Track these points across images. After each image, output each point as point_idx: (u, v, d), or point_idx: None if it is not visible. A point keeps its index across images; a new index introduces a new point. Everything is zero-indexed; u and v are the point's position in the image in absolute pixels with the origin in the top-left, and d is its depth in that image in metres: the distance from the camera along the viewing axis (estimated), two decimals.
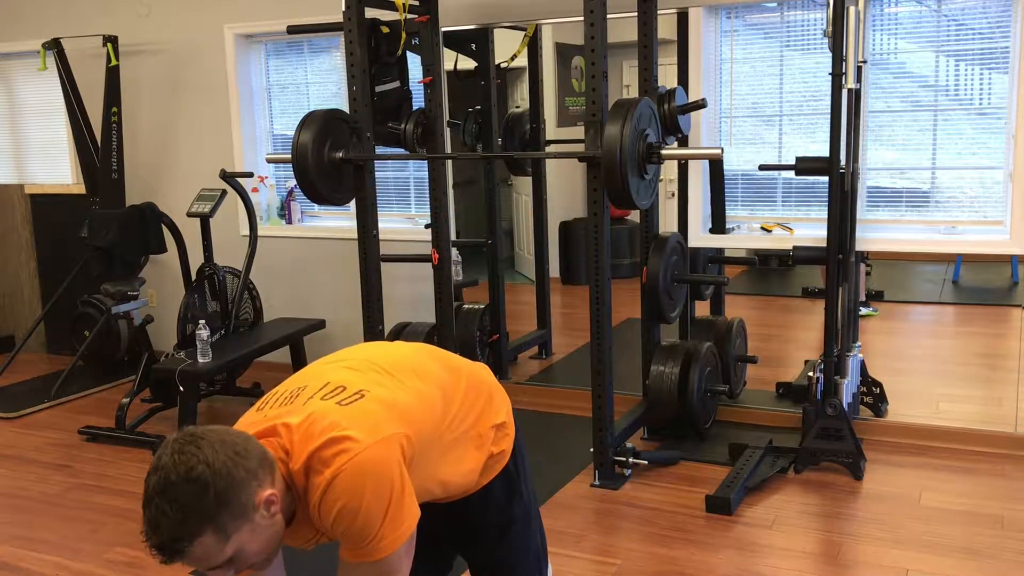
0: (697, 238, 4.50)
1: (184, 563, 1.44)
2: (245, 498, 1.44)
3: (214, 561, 1.43)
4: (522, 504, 1.94)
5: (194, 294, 4.89)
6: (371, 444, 1.53)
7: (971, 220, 4.10)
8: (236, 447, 1.45)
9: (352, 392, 1.63)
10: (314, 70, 5.48)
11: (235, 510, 1.42)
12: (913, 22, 4.10)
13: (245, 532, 1.45)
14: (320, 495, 1.51)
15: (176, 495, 1.38)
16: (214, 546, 1.42)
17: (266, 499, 1.47)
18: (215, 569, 1.45)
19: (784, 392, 4.60)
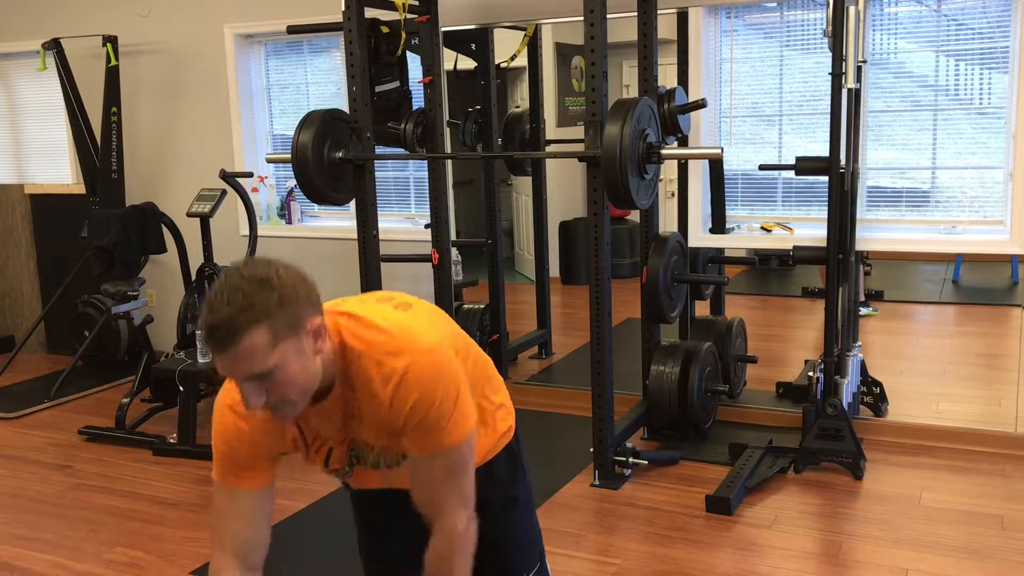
0: (697, 238, 4.50)
1: (228, 359, 1.42)
2: (301, 314, 1.45)
3: (257, 365, 1.41)
4: (525, 483, 1.92)
5: (194, 294, 4.89)
6: (435, 340, 1.58)
7: (971, 220, 4.10)
8: (303, 275, 1.50)
9: (402, 302, 1.69)
10: (314, 70, 5.48)
11: (291, 319, 1.43)
12: (913, 22, 4.10)
13: (292, 349, 1.43)
14: (392, 389, 1.52)
15: (242, 287, 1.41)
16: (262, 346, 1.40)
17: (317, 326, 1.48)
18: (250, 383, 1.43)
19: (784, 392, 4.60)
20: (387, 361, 1.53)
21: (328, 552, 3.32)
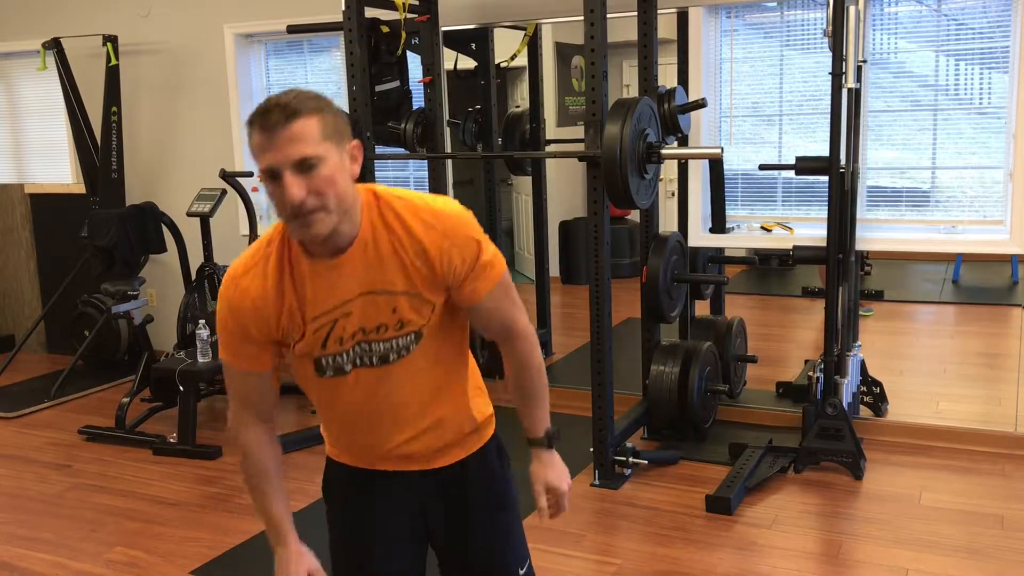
0: (697, 238, 4.50)
1: (280, 140, 1.45)
2: (345, 129, 1.54)
3: (306, 148, 1.45)
4: (512, 477, 1.92)
5: (194, 294, 4.89)
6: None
7: (971, 220, 4.10)
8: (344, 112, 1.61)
9: None
10: (314, 70, 5.48)
11: (338, 126, 1.52)
12: (913, 22, 4.10)
13: (335, 151, 1.49)
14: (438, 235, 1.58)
15: (297, 90, 1.50)
16: (312, 133, 1.46)
17: (353, 148, 1.54)
18: (296, 174, 1.46)
19: (784, 392, 4.60)
20: (425, 214, 1.59)
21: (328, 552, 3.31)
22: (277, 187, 1.47)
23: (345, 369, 1.64)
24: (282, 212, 1.50)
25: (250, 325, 1.62)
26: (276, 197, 1.48)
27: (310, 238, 1.52)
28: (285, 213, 1.49)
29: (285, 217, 1.50)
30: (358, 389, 1.67)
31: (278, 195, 1.47)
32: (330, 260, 1.57)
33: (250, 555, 3.33)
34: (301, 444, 4.34)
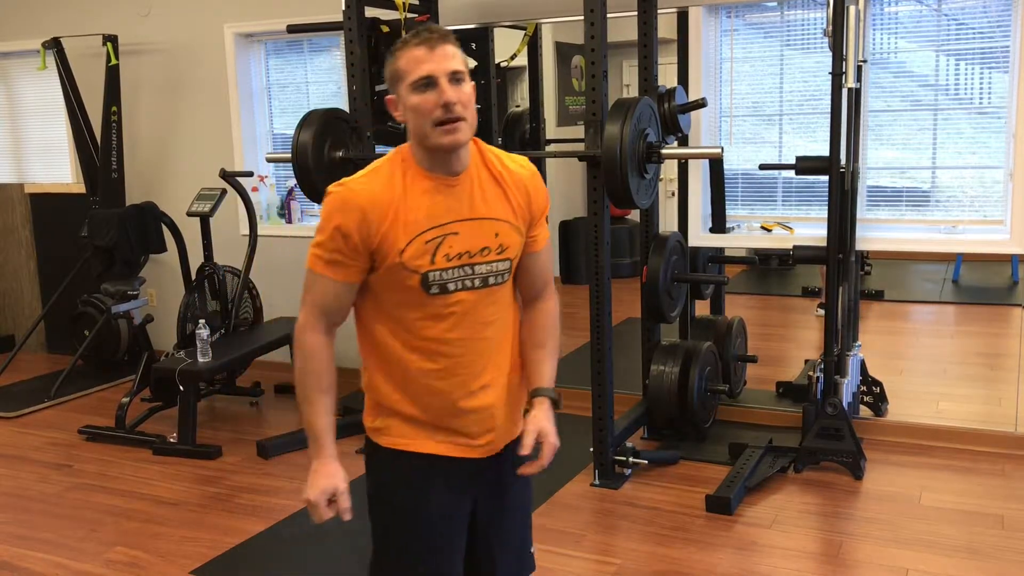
0: (697, 237, 4.50)
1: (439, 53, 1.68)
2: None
3: (458, 63, 1.70)
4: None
5: (194, 293, 4.89)
6: None
7: (971, 219, 4.10)
8: None
9: None
10: (314, 69, 5.48)
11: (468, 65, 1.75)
12: (913, 21, 4.10)
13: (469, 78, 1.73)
14: (531, 175, 1.87)
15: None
16: (460, 56, 1.71)
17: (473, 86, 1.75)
18: (450, 82, 1.68)
19: (784, 391, 4.60)
20: (516, 159, 1.88)
21: (328, 552, 3.32)
22: (430, 93, 1.67)
23: (448, 288, 1.74)
24: (428, 119, 1.67)
25: (354, 231, 1.68)
26: (427, 104, 1.66)
27: (450, 143, 1.69)
28: (434, 117, 1.67)
29: (433, 121, 1.67)
30: (455, 313, 1.76)
31: (430, 101, 1.66)
32: (446, 179, 1.74)
33: (250, 555, 3.33)
34: (301, 444, 4.34)
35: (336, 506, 1.78)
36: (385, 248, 1.69)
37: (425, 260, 1.70)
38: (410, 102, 1.68)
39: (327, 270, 1.71)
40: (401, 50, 1.70)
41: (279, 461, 4.21)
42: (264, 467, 4.15)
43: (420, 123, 1.68)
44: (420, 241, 1.70)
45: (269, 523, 3.54)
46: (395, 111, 1.75)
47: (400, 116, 1.73)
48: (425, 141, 1.70)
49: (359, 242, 1.68)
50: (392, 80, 1.72)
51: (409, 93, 1.68)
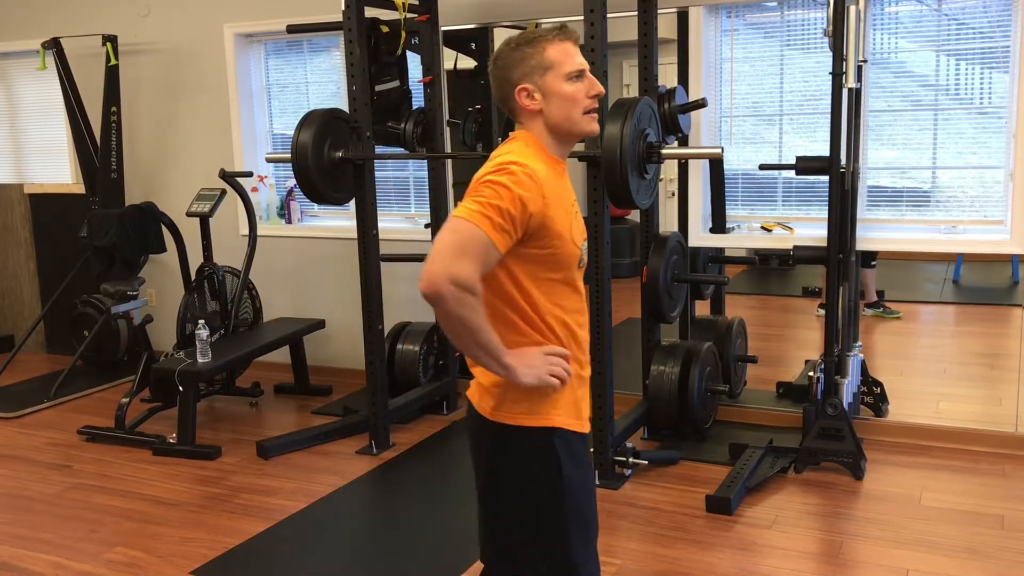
0: (697, 238, 4.50)
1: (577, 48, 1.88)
2: None
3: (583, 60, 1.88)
4: None
5: (194, 294, 4.89)
6: None
7: (971, 220, 4.10)
8: None
9: None
10: (314, 69, 5.47)
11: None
12: (913, 21, 4.10)
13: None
14: None
15: None
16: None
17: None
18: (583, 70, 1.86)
19: (784, 392, 4.60)
20: None
21: (328, 552, 3.31)
22: (581, 84, 1.84)
23: (582, 262, 1.90)
24: (580, 106, 1.84)
25: (532, 207, 1.74)
26: (579, 94, 1.84)
27: (591, 131, 1.88)
28: (584, 106, 1.85)
29: (583, 110, 1.85)
30: (579, 289, 1.91)
31: (582, 91, 1.84)
32: (562, 165, 1.90)
33: (250, 555, 3.33)
34: (301, 444, 4.34)
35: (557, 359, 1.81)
36: (553, 226, 1.78)
37: (580, 234, 1.87)
38: (564, 90, 1.82)
39: (495, 235, 1.71)
40: (547, 42, 1.83)
41: (279, 461, 4.21)
42: (264, 467, 4.15)
43: (570, 110, 1.83)
44: (572, 215, 1.86)
45: (269, 523, 3.54)
46: (526, 100, 1.84)
47: (534, 105, 1.84)
48: (573, 127, 1.85)
49: (530, 217, 1.74)
50: (534, 69, 1.83)
51: (562, 82, 1.82)
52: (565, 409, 1.87)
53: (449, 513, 3.63)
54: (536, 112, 1.85)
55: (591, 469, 1.99)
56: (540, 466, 1.85)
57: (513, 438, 1.86)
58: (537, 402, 1.84)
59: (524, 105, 1.85)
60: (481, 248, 1.71)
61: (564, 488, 1.85)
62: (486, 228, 1.70)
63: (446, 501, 3.75)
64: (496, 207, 1.71)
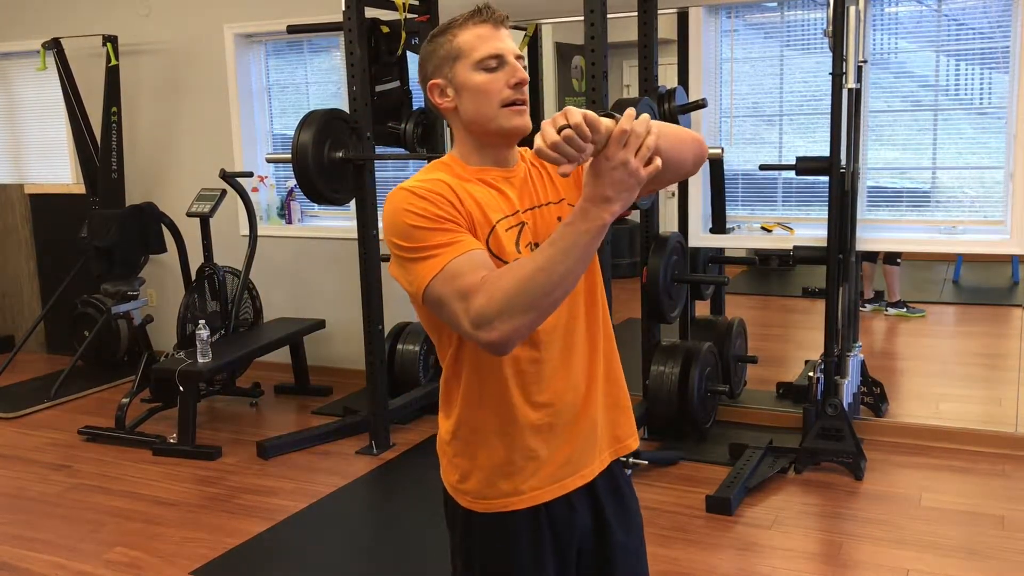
0: (697, 238, 4.50)
1: (503, 34, 1.59)
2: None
3: (517, 47, 1.60)
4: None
5: (194, 294, 4.89)
6: None
7: (971, 220, 4.10)
8: None
9: None
10: (314, 70, 5.47)
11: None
12: (913, 22, 4.10)
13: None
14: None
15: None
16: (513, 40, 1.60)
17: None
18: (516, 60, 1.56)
19: (784, 392, 4.60)
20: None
21: (328, 552, 3.31)
22: (499, 73, 1.53)
23: None
24: (496, 99, 1.52)
25: (448, 208, 1.46)
26: (495, 84, 1.52)
27: (520, 125, 1.54)
28: (502, 98, 1.52)
29: (501, 102, 1.52)
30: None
31: (499, 81, 1.52)
32: (502, 171, 1.58)
33: (250, 555, 3.33)
34: (301, 444, 4.34)
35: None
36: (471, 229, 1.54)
37: (512, 248, 1.52)
38: (473, 81, 1.51)
39: (453, 244, 1.45)
40: (458, 28, 1.54)
41: (279, 461, 4.21)
42: (264, 467, 4.15)
43: (481, 104, 1.51)
44: (501, 228, 1.53)
45: (269, 523, 3.54)
46: (439, 98, 1.56)
47: (447, 103, 1.55)
48: (488, 124, 1.53)
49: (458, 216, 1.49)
50: (443, 60, 1.54)
51: (472, 72, 1.51)
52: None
53: None
54: (452, 111, 1.55)
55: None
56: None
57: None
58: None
59: (437, 103, 1.56)
60: (454, 270, 1.40)
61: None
62: (429, 263, 1.42)
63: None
64: (417, 229, 1.43)
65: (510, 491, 1.57)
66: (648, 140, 1.33)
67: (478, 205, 1.50)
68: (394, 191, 1.50)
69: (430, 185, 1.48)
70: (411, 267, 1.45)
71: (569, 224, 1.35)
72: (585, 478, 1.61)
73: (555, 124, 1.32)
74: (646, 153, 1.33)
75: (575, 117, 1.30)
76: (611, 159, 1.32)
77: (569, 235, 1.34)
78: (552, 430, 1.57)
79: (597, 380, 1.62)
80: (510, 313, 1.34)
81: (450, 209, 1.46)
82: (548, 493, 1.58)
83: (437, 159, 1.61)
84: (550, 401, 1.56)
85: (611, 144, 1.32)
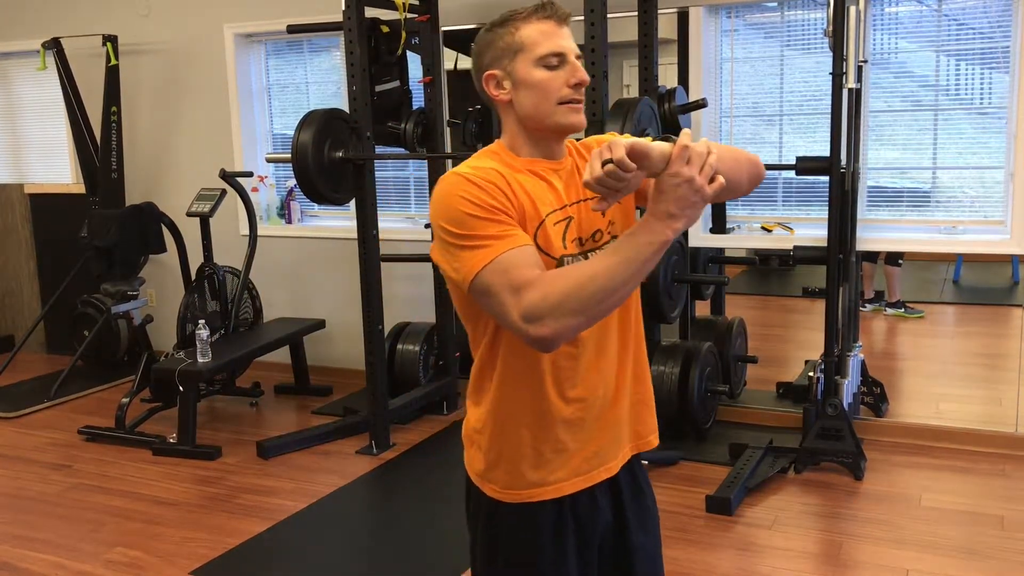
0: (697, 238, 4.50)
1: (566, 28, 1.58)
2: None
3: (576, 46, 1.59)
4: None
5: (194, 294, 4.89)
6: None
7: (972, 220, 4.10)
8: None
9: None
10: (314, 69, 5.47)
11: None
12: (914, 22, 4.10)
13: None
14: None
15: None
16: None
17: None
18: (576, 59, 1.57)
19: (784, 392, 4.60)
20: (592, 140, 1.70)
21: (328, 552, 3.31)
22: (559, 71, 1.53)
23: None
24: (554, 96, 1.53)
25: (501, 198, 1.47)
26: (555, 82, 1.53)
27: (569, 124, 1.55)
28: (560, 96, 1.53)
29: (559, 100, 1.53)
30: None
31: (559, 79, 1.53)
32: (551, 163, 1.59)
33: (250, 555, 3.33)
34: (301, 444, 4.34)
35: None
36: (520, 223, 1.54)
37: (559, 242, 1.54)
38: (534, 77, 1.52)
39: (503, 243, 1.46)
40: (521, 21, 1.53)
41: (279, 461, 4.20)
42: (264, 467, 4.15)
43: (540, 101, 1.53)
44: (550, 223, 1.54)
45: (269, 523, 3.54)
46: (494, 89, 1.56)
47: (503, 95, 1.56)
48: (544, 121, 1.54)
49: (507, 208, 1.50)
50: (503, 52, 1.54)
51: (533, 68, 1.52)
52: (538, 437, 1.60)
53: (449, 513, 3.62)
54: (507, 103, 1.56)
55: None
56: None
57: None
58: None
59: (492, 95, 1.57)
60: (501, 267, 1.41)
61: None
62: (474, 259, 1.43)
63: (446, 501, 3.74)
64: (470, 216, 1.44)
65: (537, 481, 1.60)
66: (710, 159, 1.35)
67: (529, 197, 1.52)
68: (447, 176, 1.52)
69: (484, 174, 1.49)
70: (459, 254, 1.46)
71: (631, 236, 1.40)
72: (610, 471, 1.66)
73: (601, 157, 1.35)
74: (709, 171, 1.36)
75: (618, 152, 1.33)
76: (675, 176, 1.35)
77: (631, 247, 1.39)
78: (582, 424, 1.60)
79: (627, 378, 1.66)
80: (563, 313, 1.37)
81: (503, 200, 1.47)
82: (573, 485, 1.61)
83: (485, 147, 1.62)
84: (583, 396, 1.59)
85: (674, 162, 1.35)
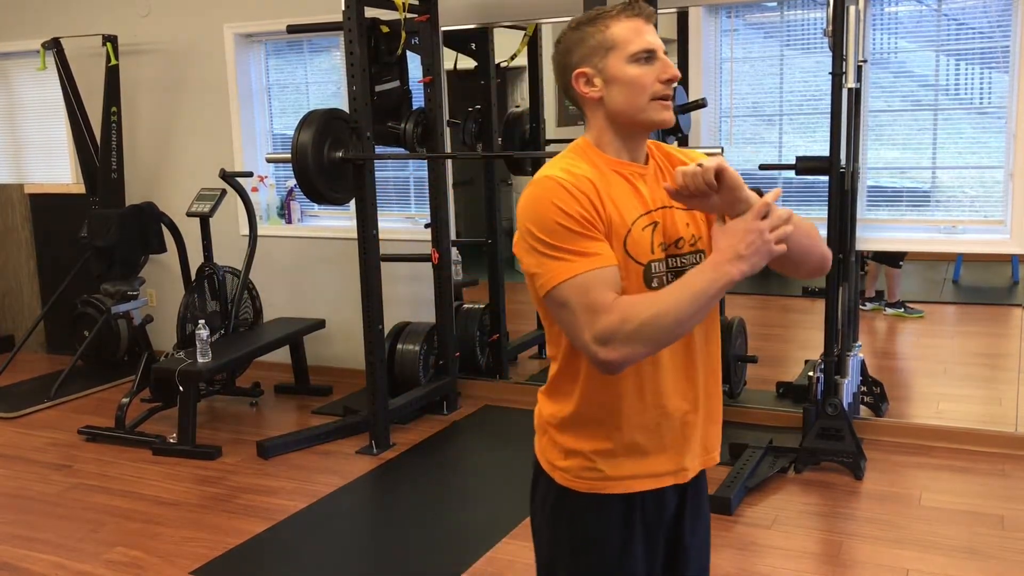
0: None
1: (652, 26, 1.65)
2: None
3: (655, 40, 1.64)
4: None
5: (194, 294, 4.89)
6: None
7: (971, 220, 4.10)
8: None
9: None
10: (314, 69, 5.47)
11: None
12: (913, 21, 4.10)
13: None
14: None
15: None
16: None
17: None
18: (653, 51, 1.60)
19: (784, 392, 4.60)
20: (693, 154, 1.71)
21: (328, 552, 3.31)
22: (650, 67, 1.57)
23: (665, 280, 1.57)
24: (647, 92, 1.56)
25: (591, 211, 1.51)
26: (647, 78, 1.56)
27: (661, 120, 1.59)
28: (652, 91, 1.57)
29: (651, 96, 1.56)
30: None
31: (651, 75, 1.57)
32: (637, 167, 1.61)
33: (250, 555, 3.33)
34: (301, 444, 4.34)
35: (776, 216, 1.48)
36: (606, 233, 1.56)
37: (647, 248, 1.57)
38: (628, 74, 1.55)
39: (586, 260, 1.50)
40: (611, 20, 1.58)
41: (279, 461, 4.21)
42: (264, 467, 4.15)
43: (635, 97, 1.56)
44: (637, 228, 1.57)
45: (269, 523, 3.54)
46: (584, 87, 1.58)
47: (593, 92, 1.58)
48: (638, 116, 1.57)
49: (594, 221, 1.53)
50: (593, 50, 1.57)
51: (626, 64, 1.56)
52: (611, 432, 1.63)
53: (449, 513, 3.62)
54: (596, 101, 1.58)
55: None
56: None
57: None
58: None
59: (582, 92, 1.59)
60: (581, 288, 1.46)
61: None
62: (578, 264, 1.47)
63: (446, 501, 3.74)
64: (560, 227, 1.48)
65: (611, 475, 1.63)
66: (786, 227, 1.48)
67: (616, 207, 1.55)
68: (542, 179, 1.54)
69: (577, 182, 1.52)
70: (544, 261, 1.51)
71: (701, 272, 1.47)
72: (678, 479, 1.67)
73: (696, 162, 1.46)
74: (780, 235, 1.46)
75: (708, 163, 1.46)
76: (749, 223, 1.45)
77: (699, 283, 1.45)
78: (659, 430, 1.63)
79: (702, 393, 1.67)
80: (636, 340, 1.44)
81: (592, 212, 1.51)
82: (644, 484, 1.64)
83: (572, 143, 1.64)
84: (662, 404, 1.62)
85: (753, 212, 1.47)
